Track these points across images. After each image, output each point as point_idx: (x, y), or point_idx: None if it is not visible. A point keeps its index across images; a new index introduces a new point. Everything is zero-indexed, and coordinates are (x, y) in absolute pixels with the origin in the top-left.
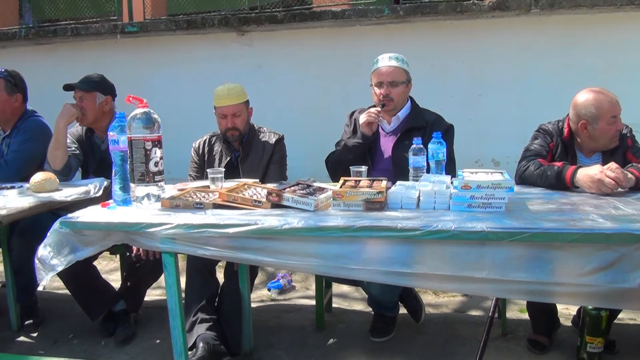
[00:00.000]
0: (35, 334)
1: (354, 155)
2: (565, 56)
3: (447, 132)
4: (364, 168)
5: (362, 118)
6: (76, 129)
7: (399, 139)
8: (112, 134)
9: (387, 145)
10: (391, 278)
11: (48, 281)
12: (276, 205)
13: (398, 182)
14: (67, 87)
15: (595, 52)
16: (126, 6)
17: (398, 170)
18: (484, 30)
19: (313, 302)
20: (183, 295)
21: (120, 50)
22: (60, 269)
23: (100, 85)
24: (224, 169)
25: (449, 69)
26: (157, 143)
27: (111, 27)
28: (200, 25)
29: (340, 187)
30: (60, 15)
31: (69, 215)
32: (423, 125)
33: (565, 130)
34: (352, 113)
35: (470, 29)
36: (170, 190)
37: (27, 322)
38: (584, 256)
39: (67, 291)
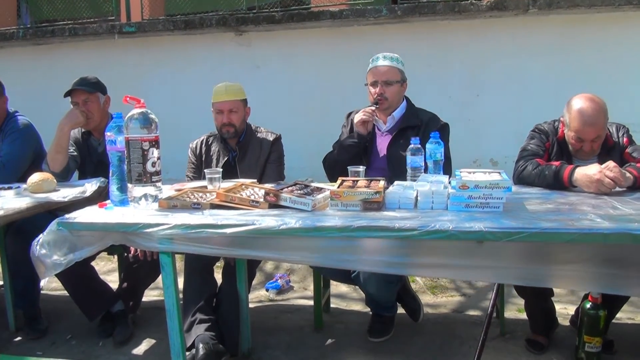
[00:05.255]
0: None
1: (349, 154)
2: (563, 56)
3: (442, 131)
4: (361, 168)
5: (357, 117)
6: (72, 131)
7: (394, 137)
8: (109, 134)
9: (382, 144)
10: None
11: (46, 282)
12: (274, 206)
13: (396, 182)
14: (69, 93)
15: (593, 51)
16: (124, 6)
17: (393, 169)
18: (481, 30)
19: (311, 303)
20: (181, 295)
21: (118, 50)
22: (59, 269)
23: (100, 86)
24: (221, 169)
25: (446, 69)
26: (155, 143)
27: (109, 28)
28: (198, 25)
29: (338, 187)
30: (58, 16)
31: (67, 215)
32: (418, 124)
33: (560, 130)
34: (350, 114)
35: (468, 29)
36: (167, 190)
37: (30, 334)
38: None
39: (65, 292)
